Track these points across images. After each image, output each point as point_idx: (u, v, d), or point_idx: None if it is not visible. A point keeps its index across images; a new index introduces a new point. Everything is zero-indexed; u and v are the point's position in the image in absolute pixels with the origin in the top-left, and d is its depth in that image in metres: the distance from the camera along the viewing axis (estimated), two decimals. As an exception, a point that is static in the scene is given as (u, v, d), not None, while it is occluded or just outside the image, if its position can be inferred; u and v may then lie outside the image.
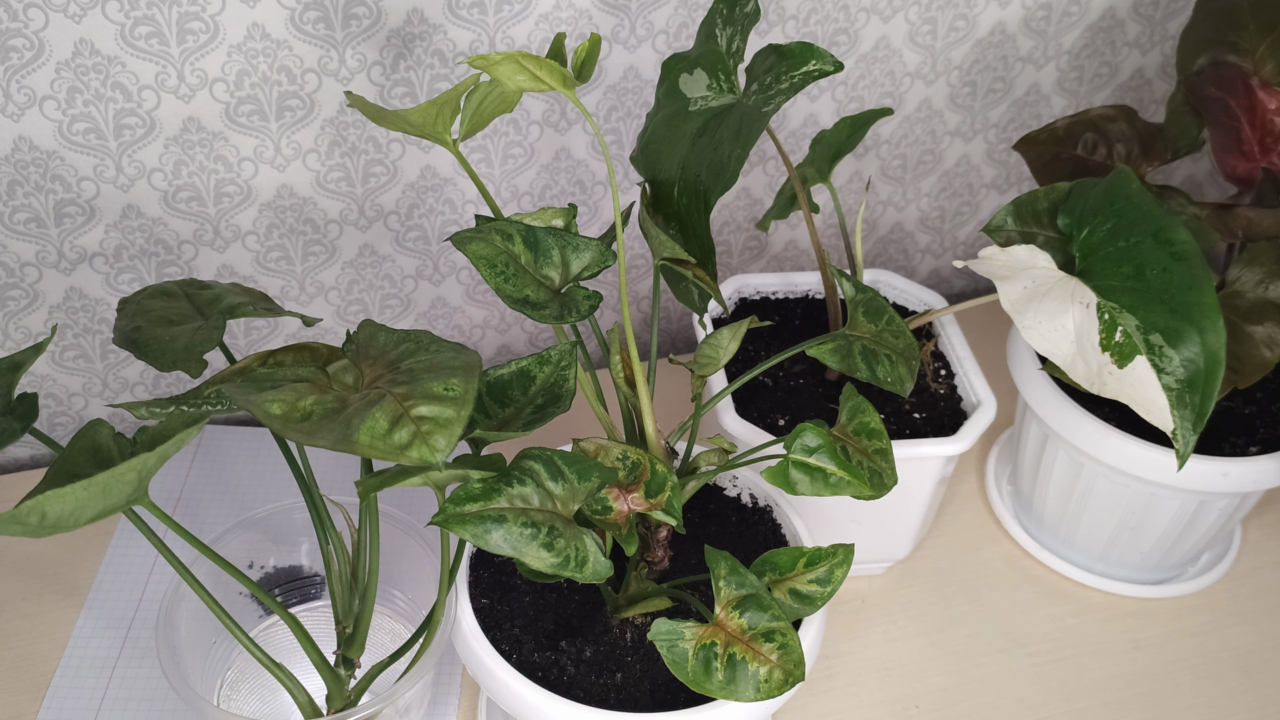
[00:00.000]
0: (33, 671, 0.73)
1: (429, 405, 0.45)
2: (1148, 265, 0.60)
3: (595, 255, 0.58)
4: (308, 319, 0.63)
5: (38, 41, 0.72)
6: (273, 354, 0.57)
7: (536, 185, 0.90)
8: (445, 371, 0.46)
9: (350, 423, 0.44)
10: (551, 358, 0.58)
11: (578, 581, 0.51)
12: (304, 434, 0.44)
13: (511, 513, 0.50)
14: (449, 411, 0.45)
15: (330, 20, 0.77)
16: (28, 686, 0.72)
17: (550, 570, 0.50)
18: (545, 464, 0.52)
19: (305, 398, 0.46)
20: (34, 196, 0.78)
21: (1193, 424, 0.58)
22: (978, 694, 0.76)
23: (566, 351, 0.58)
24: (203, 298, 0.63)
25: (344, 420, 0.44)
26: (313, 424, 0.45)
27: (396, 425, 0.44)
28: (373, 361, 0.49)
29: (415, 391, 0.45)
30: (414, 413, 0.44)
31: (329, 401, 0.46)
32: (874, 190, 1.02)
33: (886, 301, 0.66)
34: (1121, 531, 0.80)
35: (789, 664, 0.53)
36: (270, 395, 0.46)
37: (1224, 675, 0.78)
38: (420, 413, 0.44)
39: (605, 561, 0.51)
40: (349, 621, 0.59)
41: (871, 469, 0.58)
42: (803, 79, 0.57)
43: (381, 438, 0.44)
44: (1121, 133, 0.79)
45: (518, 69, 0.52)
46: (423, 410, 0.44)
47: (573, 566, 0.50)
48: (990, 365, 0.87)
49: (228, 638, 0.64)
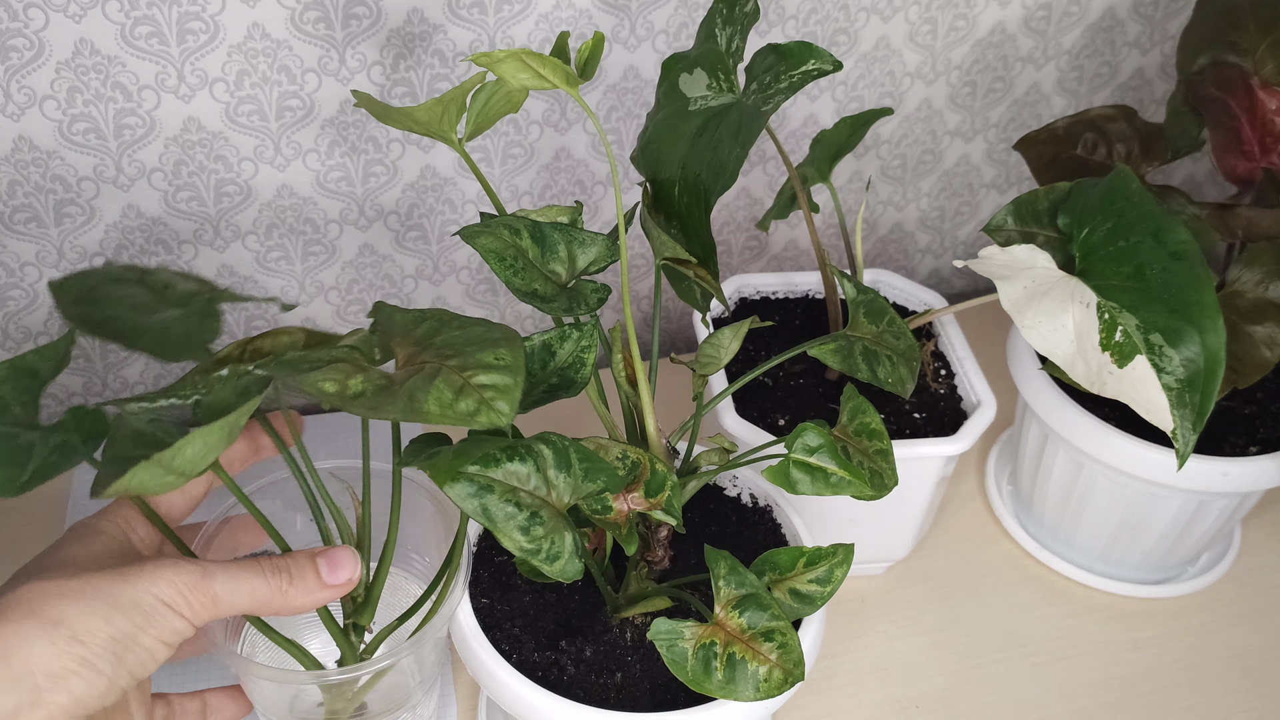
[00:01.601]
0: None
1: (486, 374, 0.47)
2: (1148, 265, 0.60)
3: (601, 250, 0.58)
4: (285, 304, 0.61)
5: (38, 41, 0.72)
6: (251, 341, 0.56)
7: (537, 185, 0.90)
8: (489, 343, 0.49)
9: (414, 395, 0.46)
10: (572, 335, 0.58)
11: (546, 575, 0.51)
12: (366, 408, 0.46)
13: (500, 486, 0.50)
14: (505, 379, 0.47)
15: (330, 20, 0.77)
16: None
17: (519, 554, 0.50)
18: (557, 452, 0.52)
19: (352, 376, 0.47)
20: (34, 196, 0.78)
21: (1193, 424, 0.58)
22: (978, 694, 0.76)
23: (589, 331, 0.58)
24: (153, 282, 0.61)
25: (406, 393, 0.46)
26: (369, 399, 0.46)
27: (460, 395, 0.46)
28: (400, 340, 0.51)
29: (469, 363, 0.47)
30: (474, 381, 0.47)
31: (376, 378, 0.48)
32: (874, 190, 1.02)
33: (887, 303, 0.66)
34: (1121, 531, 0.80)
35: (789, 663, 0.53)
36: (317, 375, 0.47)
37: (1224, 675, 0.78)
38: (480, 381, 0.47)
39: (577, 564, 0.51)
40: (358, 590, 0.58)
41: (872, 469, 0.58)
42: (802, 78, 0.57)
43: (449, 406, 0.46)
44: (1121, 133, 0.79)
45: (521, 67, 0.52)
46: (481, 379, 0.47)
47: (543, 558, 0.50)
48: (990, 365, 0.87)
49: None
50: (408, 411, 0.45)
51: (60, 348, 0.53)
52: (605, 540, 0.62)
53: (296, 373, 0.47)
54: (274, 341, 0.57)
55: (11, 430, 0.49)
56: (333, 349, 0.50)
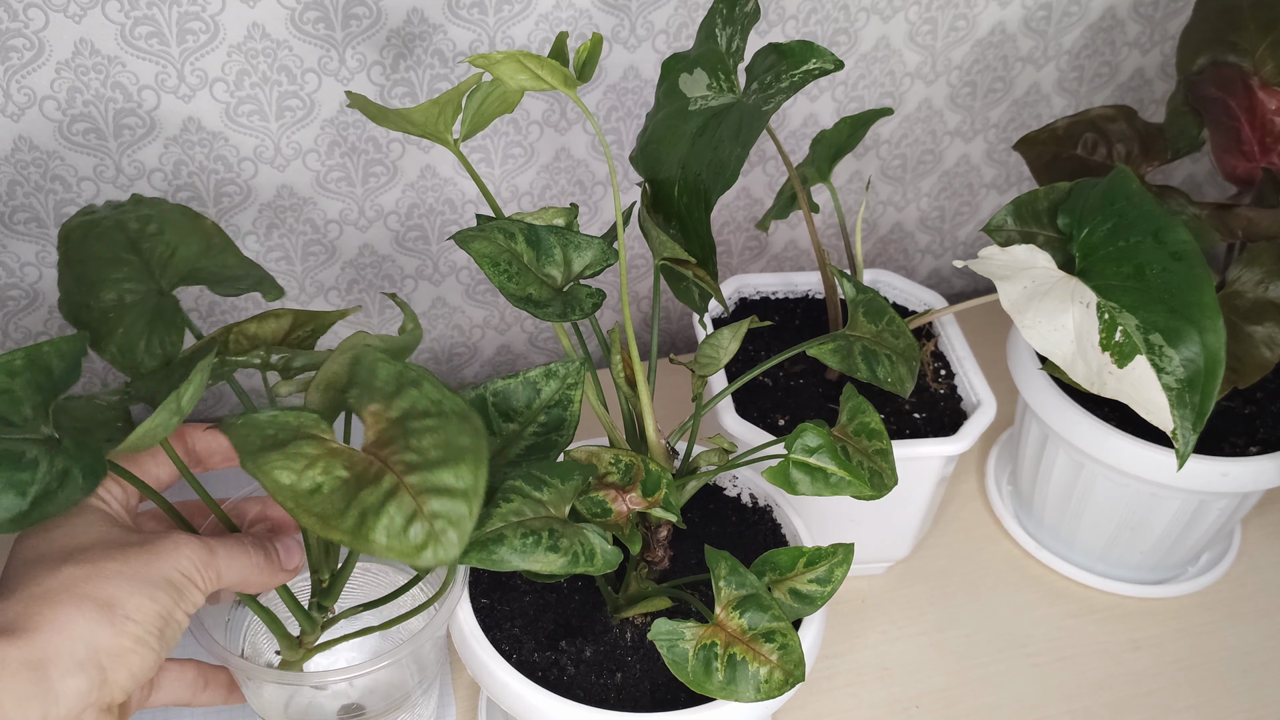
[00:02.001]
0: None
1: (440, 500, 0.44)
2: (1148, 265, 0.60)
3: (597, 254, 0.58)
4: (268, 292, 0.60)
5: (38, 41, 0.72)
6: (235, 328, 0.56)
7: (536, 185, 0.90)
8: (455, 453, 0.46)
9: (364, 518, 0.44)
10: (559, 373, 0.57)
11: (592, 574, 0.51)
12: (317, 518, 0.44)
13: (509, 528, 0.50)
14: (461, 507, 0.44)
15: (330, 20, 0.76)
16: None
17: (562, 570, 0.50)
18: (526, 479, 0.52)
19: (314, 464, 0.45)
20: (34, 196, 0.78)
21: (1193, 424, 0.58)
22: (978, 694, 0.76)
23: (575, 370, 0.57)
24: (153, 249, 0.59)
25: (358, 513, 0.44)
26: (324, 500, 0.44)
27: (411, 522, 0.44)
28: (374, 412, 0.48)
29: (428, 482, 0.45)
30: (427, 508, 0.44)
31: (335, 470, 0.45)
32: (874, 190, 1.02)
33: (887, 302, 0.66)
34: (1121, 531, 0.80)
35: (789, 664, 0.53)
36: (278, 460, 0.45)
37: (1224, 675, 0.78)
38: (433, 508, 0.44)
39: (612, 549, 0.52)
40: (323, 573, 0.58)
41: (872, 469, 0.58)
42: (803, 77, 0.57)
43: (397, 536, 0.44)
44: (1121, 133, 0.79)
45: (519, 68, 0.52)
46: (435, 505, 0.44)
47: (583, 562, 0.51)
48: (990, 365, 0.87)
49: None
50: (355, 536, 0.43)
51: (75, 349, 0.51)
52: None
53: (257, 454, 0.45)
54: (260, 326, 0.57)
55: (18, 445, 0.47)
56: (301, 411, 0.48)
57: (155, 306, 0.57)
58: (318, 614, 0.59)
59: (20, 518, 0.46)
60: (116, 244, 0.59)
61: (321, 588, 0.58)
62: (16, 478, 0.46)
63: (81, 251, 0.59)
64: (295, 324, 0.58)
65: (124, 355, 0.55)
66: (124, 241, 0.60)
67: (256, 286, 0.60)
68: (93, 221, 0.60)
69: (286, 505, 0.44)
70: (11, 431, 0.48)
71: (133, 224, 0.60)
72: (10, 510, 0.46)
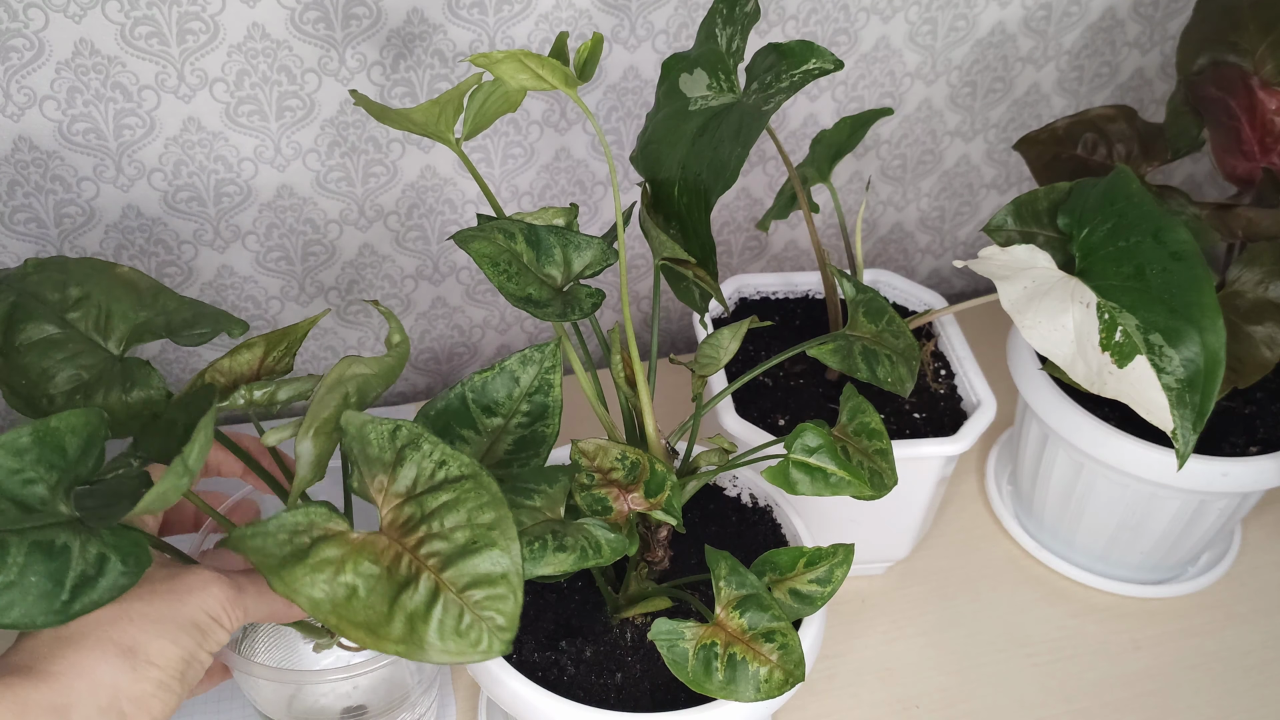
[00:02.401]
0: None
1: (483, 590, 0.45)
2: (1148, 265, 0.60)
3: (597, 254, 0.58)
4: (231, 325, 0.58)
5: (38, 41, 0.72)
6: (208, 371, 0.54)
7: (537, 185, 0.90)
8: (483, 536, 0.46)
9: (414, 625, 0.44)
10: (535, 358, 0.57)
11: (601, 565, 0.52)
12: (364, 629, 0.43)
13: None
14: (503, 592, 0.45)
15: (330, 20, 0.76)
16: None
17: (573, 566, 0.50)
18: (515, 492, 0.52)
19: (342, 569, 0.44)
20: (34, 197, 0.78)
21: (1193, 424, 0.58)
22: (978, 694, 0.76)
23: (551, 353, 0.57)
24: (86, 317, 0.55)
25: (404, 619, 0.44)
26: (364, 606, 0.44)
27: (460, 620, 0.44)
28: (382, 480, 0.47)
29: (465, 575, 0.45)
30: (472, 602, 0.45)
31: (367, 566, 0.45)
32: (874, 190, 1.02)
33: (887, 302, 0.66)
34: (1121, 531, 0.80)
35: (789, 664, 0.53)
36: (304, 575, 0.44)
37: (1224, 675, 0.78)
38: (478, 599, 0.45)
39: (617, 537, 0.52)
40: None
41: (872, 469, 0.58)
42: (803, 77, 0.57)
43: (451, 638, 0.44)
44: (1121, 133, 0.79)
45: (520, 68, 0.52)
46: (478, 596, 0.45)
47: (591, 555, 0.51)
48: (990, 365, 0.87)
49: None
50: (409, 645, 0.43)
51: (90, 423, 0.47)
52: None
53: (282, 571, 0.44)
54: (234, 360, 0.55)
55: (44, 533, 0.44)
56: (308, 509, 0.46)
57: (120, 372, 0.55)
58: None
59: (64, 608, 0.43)
60: (45, 321, 0.56)
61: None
62: (51, 567, 0.43)
63: (10, 339, 0.55)
64: (268, 349, 0.56)
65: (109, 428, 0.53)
66: (49, 316, 0.56)
67: (216, 328, 0.58)
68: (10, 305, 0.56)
69: (330, 622, 0.44)
70: (35, 518, 0.45)
71: (50, 294, 0.57)
72: (51, 603, 0.43)
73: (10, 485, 0.45)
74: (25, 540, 0.43)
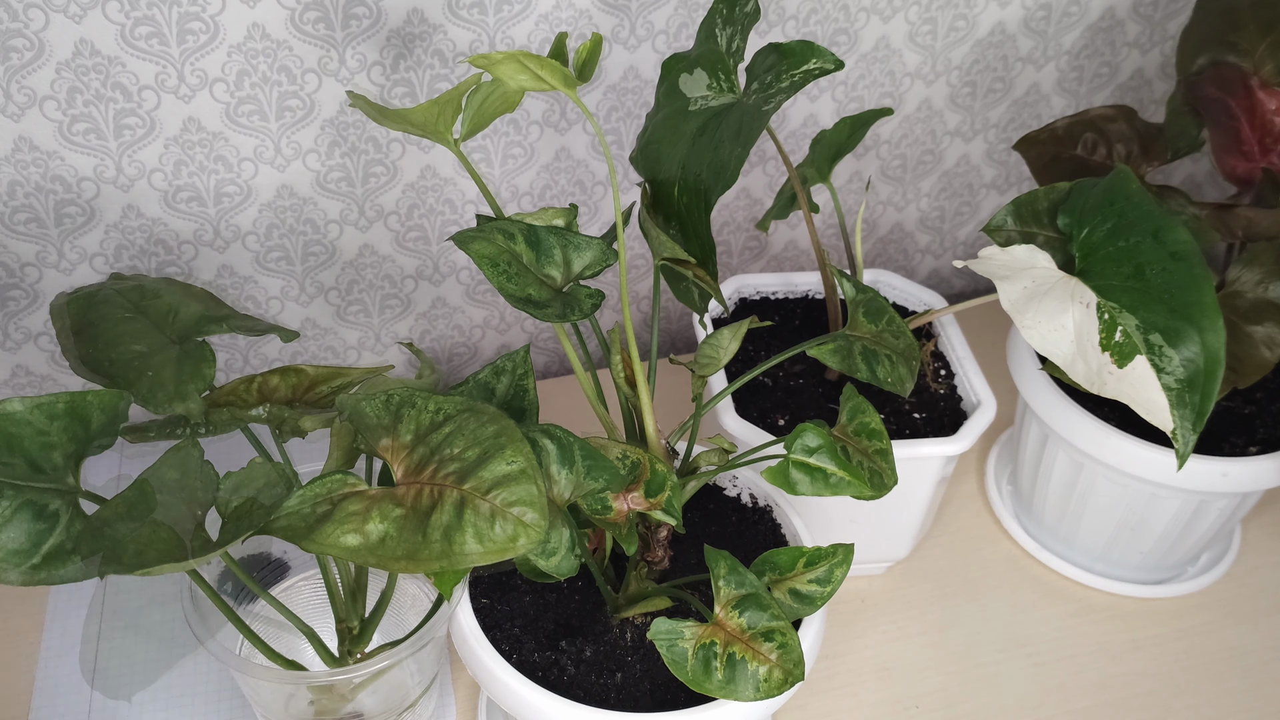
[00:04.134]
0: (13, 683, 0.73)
1: (507, 490, 0.46)
2: (1148, 265, 0.60)
3: (597, 254, 0.58)
4: (285, 333, 0.62)
5: (38, 42, 0.72)
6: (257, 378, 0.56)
7: (537, 185, 0.90)
8: (491, 444, 0.47)
9: (450, 537, 0.45)
10: (507, 367, 0.58)
11: (546, 574, 0.52)
12: (405, 560, 0.44)
13: None
14: (528, 487, 0.46)
15: (330, 20, 0.77)
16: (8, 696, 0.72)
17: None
18: (561, 448, 0.52)
19: (368, 517, 0.46)
20: (34, 197, 0.78)
21: (1192, 424, 0.58)
22: (978, 694, 0.76)
23: (521, 359, 0.58)
24: (156, 309, 0.61)
25: (441, 535, 0.45)
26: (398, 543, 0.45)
27: (493, 521, 0.45)
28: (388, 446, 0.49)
29: (486, 480, 0.46)
30: (500, 501, 0.45)
31: (390, 512, 0.46)
32: (874, 190, 1.02)
33: (886, 302, 0.66)
34: (1121, 531, 0.80)
35: (788, 663, 0.53)
36: (333, 530, 0.45)
37: (1224, 675, 0.78)
38: (505, 499, 0.46)
39: (573, 561, 0.52)
40: (352, 621, 0.59)
41: (871, 469, 0.58)
42: (803, 77, 0.57)
43: (488, 539, 0.45)
44: (1121, 133, 0.79)
45: (519, 68, 0.52)
46: (504, 496, 0.46)
47: (539, 553, 0.51)
48: (990, 365, 0.87)
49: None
50: (449, 557, 0.44)
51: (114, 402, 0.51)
52: (605, 540, 0.62)
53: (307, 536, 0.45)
54: (283, 379, 0.58)
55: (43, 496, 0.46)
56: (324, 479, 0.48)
57: (180, 350, 0.58)
58: (348, 659, 0.59)
59: (30, 571, 0.45)
60: (121, 307, 0.61)
61: (352, 635, 0.58)
62: (34, 528, 0.45)
63: (89, 315, 0.60)
64: (315, 380, 0.59)
65: (154, 393, 0.55)
66: (127, 305, 0.61)
67: (271, 329, 0.61)
68: (91, 293, 0.62)
69: (370, 562, 0.44)
70: (39, 479, 0.47)
71: (130, 294, 0.62)
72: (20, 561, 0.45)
73: (32, 445, 0.48)
74: (21, 495, 0.46)
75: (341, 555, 0.45)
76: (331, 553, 0.45)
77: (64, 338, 0.59)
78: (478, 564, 0.45)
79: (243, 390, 0.57)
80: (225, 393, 0.56)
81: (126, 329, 0.59)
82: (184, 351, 0.58)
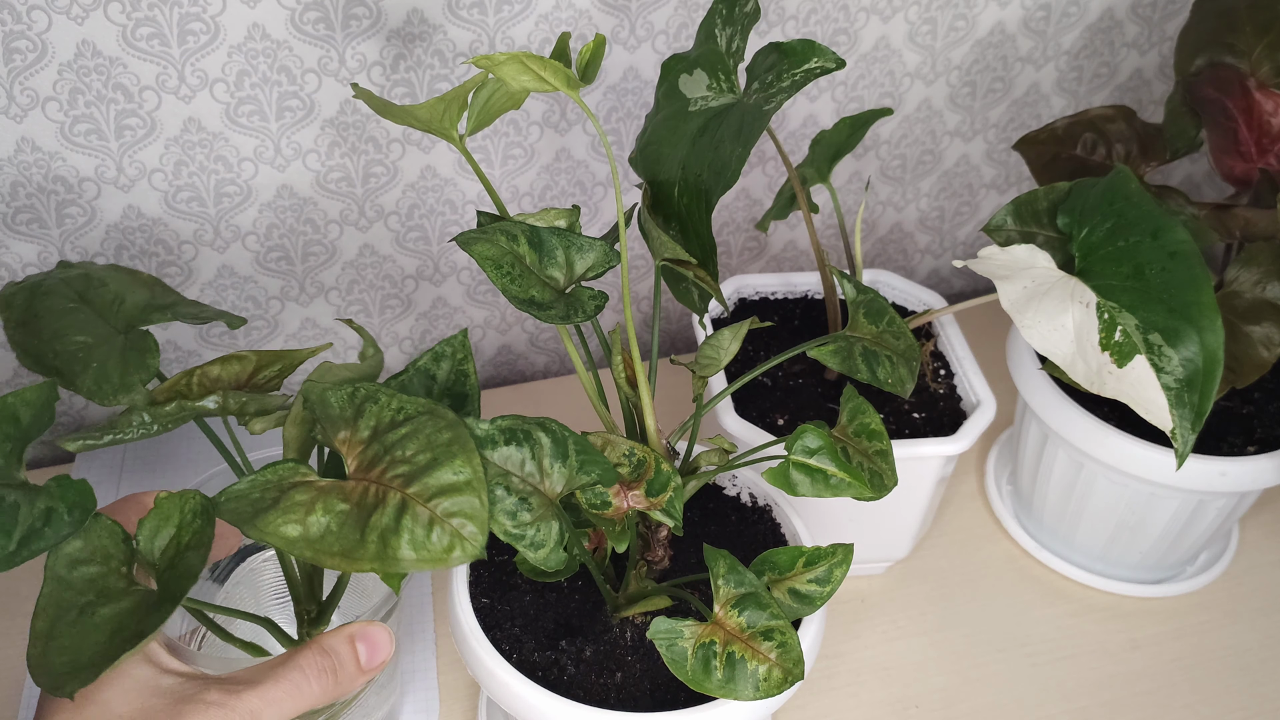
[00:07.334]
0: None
1: (449, 499, 0.45)
2: (1147, 265, 0.60)
3: (599, 255, 0.58)
4: (232, 319, 0.60)
5: (41, 43, 0.72)
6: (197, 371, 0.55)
7: (537, 186, 0.90)
8: (443, 451, 0.46)
9: (386, 541, 0.44)
10: (446, 352, 0.57)
11: (543, 571, 0.51)
12: (340, 557, 0.44)
13: (493, 469, 0.50)
14: (471, 500, 0.45)
15: (330, 20, 0.77)
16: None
17: (504, 537, 0.50)
18: (555, 441, 0.52)
19: (313, 509, 0.45)
20: (36, 197, 0.78)
21: (1191, 423, 0.58)
22: (978, 694, 0.76)
23: (460, 344, 0.57)
24: (101, 299, 0.60)
25: (378, 538, 0.44)
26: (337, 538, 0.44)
27: (430, 530, 0.44)
28: (344, 440, 0.48)
29: (430, 487, 0.45)
30: (440, 510, 0.45)
31: (334, 506, 0.46)
32: (874, 190, 1.02)
33: (887, 302, 0.66)
34: (1121, 531, 0.80)
35: (788, 662, 0.53)
36: (276, 518, 0.45)
37: (1222, 674, 0.78)
38: (446, 509, 0.45)
39: (561, 555, 0.52)
40: (309, 604, 0.58)
41: (872, 470, 0.58)
42: (804, 76, 0.57)
43: (422, 547, 0.44)
44: (1120, 133, 0.80)
45: (522, 69, 0.52)
46: (446, 505, 0.45)
47: (527, 544, 0.51)
48: (990, 365, 0.87)
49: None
50: (382, 561, 0.44)
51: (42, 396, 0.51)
52: (605, 540, 0.62)
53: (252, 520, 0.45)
54: (223, 368, 0.56)
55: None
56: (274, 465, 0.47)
57: (124, 341, 0.57)
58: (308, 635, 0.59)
59: (9, 558, 0.45)
60: (65, 297, 0.60)
61: (309, 618, 0.58)
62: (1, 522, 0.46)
63: (32, 308, 0.59)
64: (259, 365, 0.57)
65: (99, 386, 0.54)
66: (71, 295, 0.60)
67: (218, 316, 0.60)
68: (35, 283, 0.61)
69: (306, 556, 0.44)
70: None
71: (75, 282, 0.61)
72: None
73: None
74: None
75: (280, 546, 0.44)
76: (271, 542, 0.44)
77: (8, 330, 0.58)
78: (413, 570, 0.44)
79: (183, 384, 0.55)
80: (166, 388, 0.55)
81: (71, 320, 0.58)
82: (128, 342, 0.57)
